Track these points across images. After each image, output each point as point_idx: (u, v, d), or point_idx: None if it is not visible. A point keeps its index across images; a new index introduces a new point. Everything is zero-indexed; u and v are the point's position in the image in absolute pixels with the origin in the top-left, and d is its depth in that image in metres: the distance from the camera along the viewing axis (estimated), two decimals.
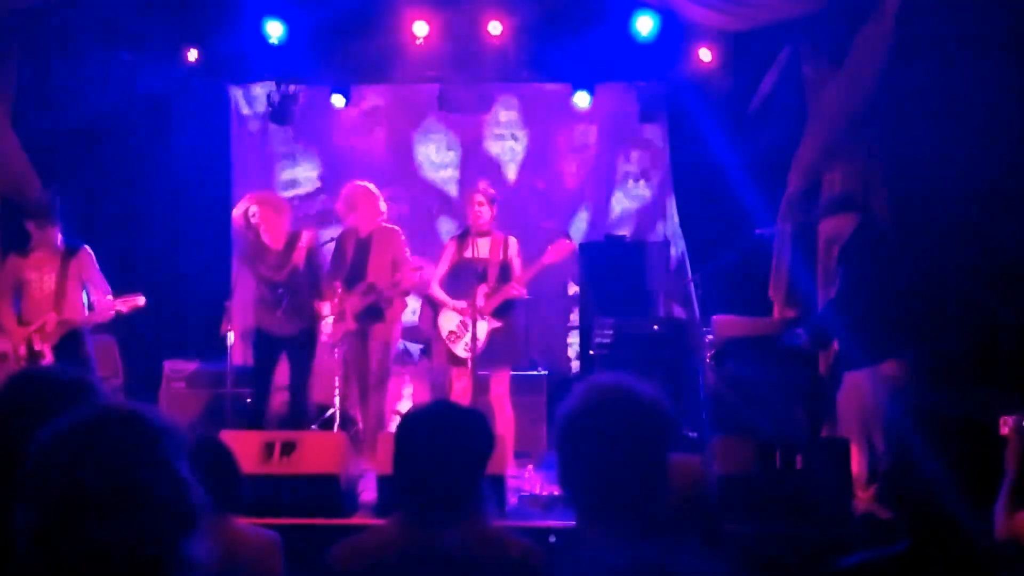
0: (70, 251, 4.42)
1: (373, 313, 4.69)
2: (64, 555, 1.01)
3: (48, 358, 4.26)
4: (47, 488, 1.04)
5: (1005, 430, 2.30)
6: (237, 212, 4.82)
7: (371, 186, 4.89)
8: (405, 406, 5.20)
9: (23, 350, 4.25)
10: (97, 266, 4.51)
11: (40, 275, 4.35)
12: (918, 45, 4.38)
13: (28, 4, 4.51)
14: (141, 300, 4.46)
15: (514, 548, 1.64)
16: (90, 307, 4.48)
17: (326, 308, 4.69)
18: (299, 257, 4.62)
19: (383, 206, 4.85)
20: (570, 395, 1.39)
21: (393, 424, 4.59)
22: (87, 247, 4.53)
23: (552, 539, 3.19)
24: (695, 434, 4.85)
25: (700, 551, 1.19)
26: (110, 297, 4.42)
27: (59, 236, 4.43)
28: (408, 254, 4.79)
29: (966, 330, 4.26)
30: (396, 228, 4.87)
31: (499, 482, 3.55)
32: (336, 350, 4.93)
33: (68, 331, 4.32)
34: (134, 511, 1.03)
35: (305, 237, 4.69)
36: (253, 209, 4.67)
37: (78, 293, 4.41)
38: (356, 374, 4.80)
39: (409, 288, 4.69)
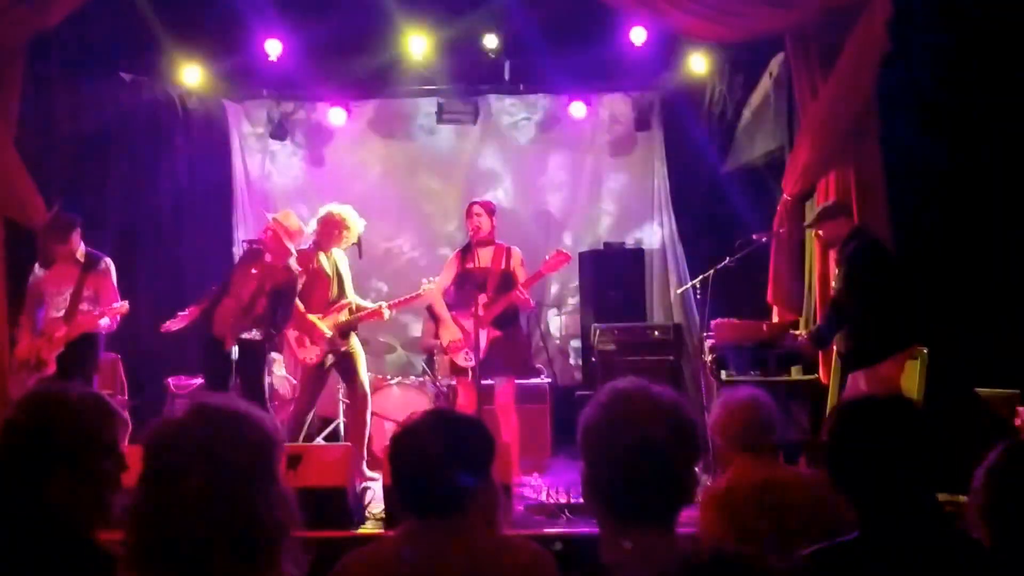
0: (90, 264, 4.53)
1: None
2: (168, 547, 1.03)
3: (51, 367, 4.38)
4: (157, 479, 1.05)
5: (1019, 421, 2.29)
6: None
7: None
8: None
9: (33, 359, 4.41)
10: (111, 278, 4.60)
11: (59, 288, 4.49)
12: (911, 49, 4.43)
13: (32, 27, 4.57)
14: (124, 307, 4.55)
15: (523, 554, 1.64)
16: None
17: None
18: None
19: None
20: (592, 401, 1.38)
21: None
22: (107, 260, 4.62)
23: (558, 546, 3.21)
24: None
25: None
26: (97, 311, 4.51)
27: (80, 249, 4.54)
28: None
29: (964, 331, 4.30)
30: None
31: (504, 491, 3.57)
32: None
33: (75, 340, 4.43)
34: (242, 515, 1.04)
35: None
36: (271, 227, 4.55)
37: (90, 305, 4.51)
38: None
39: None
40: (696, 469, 1.42)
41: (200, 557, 1.04)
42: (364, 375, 4.77)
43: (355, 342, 4.81)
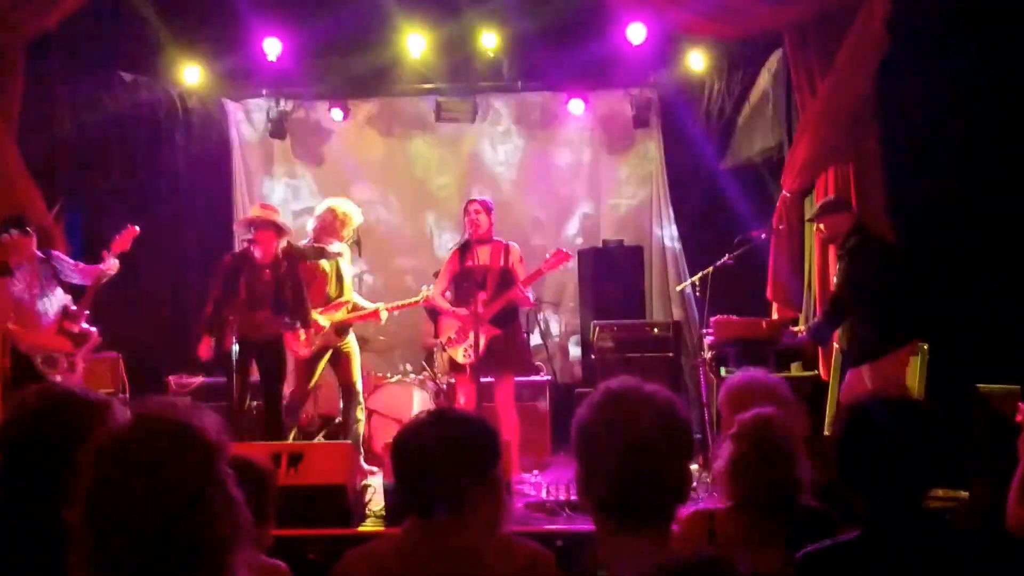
0: (44, 259, 4.53)
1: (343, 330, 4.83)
2: (115, 559, 1.04)
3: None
4: (102, 494, 1.06)
5: (1020, 417, 2.30)
6: (242, 219, 4.80)
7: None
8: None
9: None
10: (65, 256, 4.62)
11: (30, 288, 4.47)
12: (910, 45, 4.44)
13: (33, 28, 4.58)
14: (113, 266, 4.60)
15: (523, 553, 1.64)
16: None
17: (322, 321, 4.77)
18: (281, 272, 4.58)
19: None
20: (586, 401, 1.39)
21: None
22: (52, 251, 4.62)
23: (558, 543, 3.23)
24: (698, 436, 4.89)
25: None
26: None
27: (34, 246, 4.51)
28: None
29: (965, 326, 4.31)
30: None
31: (505, 488, 3.57)
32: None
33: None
34: (189, 527, 1.05)
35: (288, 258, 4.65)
36: (256, 221, 4.61)
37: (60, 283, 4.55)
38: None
39: None
40: (691, 468, 1.43)
41: (144, 570, 1.05)
42: (357, 374, 4.84)
43: (352, 340, 4.87)
